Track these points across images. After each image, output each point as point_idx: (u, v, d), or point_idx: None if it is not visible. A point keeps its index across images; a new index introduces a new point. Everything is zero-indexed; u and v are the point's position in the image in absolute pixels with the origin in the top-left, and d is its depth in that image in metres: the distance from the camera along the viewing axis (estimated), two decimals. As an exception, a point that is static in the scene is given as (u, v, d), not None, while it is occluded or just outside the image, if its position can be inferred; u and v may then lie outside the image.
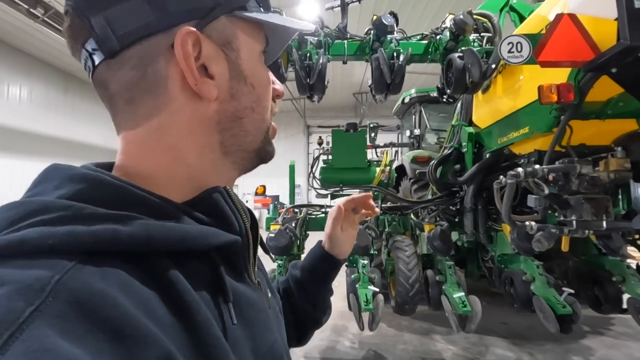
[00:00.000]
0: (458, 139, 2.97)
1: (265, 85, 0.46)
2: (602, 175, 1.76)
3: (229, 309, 0.37)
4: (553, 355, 2.85)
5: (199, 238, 0.35)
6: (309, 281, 0.72)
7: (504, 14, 3.29)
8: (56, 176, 0.34)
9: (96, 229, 0.29)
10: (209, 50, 0.39)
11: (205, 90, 0.39)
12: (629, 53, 1.34)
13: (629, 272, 2.36)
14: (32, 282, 0.24)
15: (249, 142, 0.44)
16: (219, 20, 0.40)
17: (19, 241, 0.26)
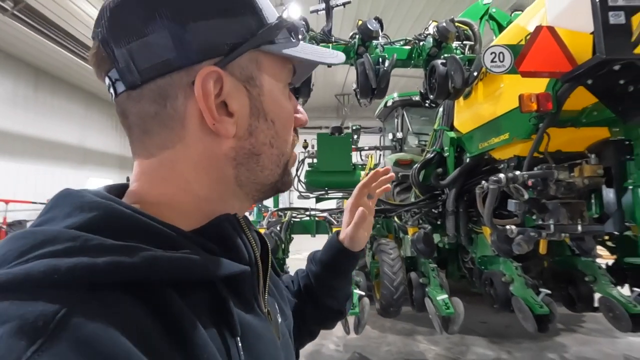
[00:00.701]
0: (440, 143, 3.03)
1: (287, 118, 0.45)
2: (577, 181, 1.85)
3: (236, 344, 0.36)
4: (530, 353, 2.97)
5: (206, 268, 0.35)
6: (330, 276, 0.72)
7: (484, 22, 3.38)
8: (67, 203, 0.34)
9: (101, 262, 0.28)
10: (230, 88, 0.39)
11: (223, 129, 0.39)
12: (603, 66, 1.41)
13: (600, 273, 2.48)
14: (34, 319, 0.24)
15: (266, 176, 0.44)
16: (244, 55, 0.39)
17: (24, 275, 0.26)
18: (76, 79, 11.11)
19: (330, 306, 0.72)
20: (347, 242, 0.71)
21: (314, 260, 0.74)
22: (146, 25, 0.36)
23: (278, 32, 0.41)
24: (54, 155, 10.77)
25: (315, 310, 0.71)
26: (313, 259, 0.75)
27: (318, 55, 0.46)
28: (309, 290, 0.72)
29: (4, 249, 0.30)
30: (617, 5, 1.37)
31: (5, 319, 0.24)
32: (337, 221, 3.23)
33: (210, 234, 0.39)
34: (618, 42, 1.36)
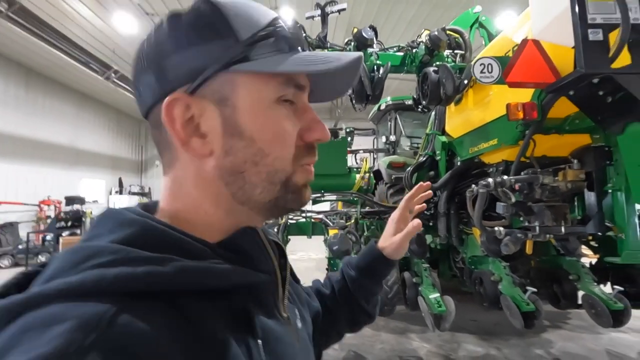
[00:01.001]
0: (432, 147, 3.13)
1: (276, 136, 0.43)
2: (561, 185, 1.96)
3: (258, 346, 0.39)
4: (518, 349, 3.09)
5: (229, 277, 0.39)
6: (367, 281, 0.75)
7: (474, 30, 3.50)
8: (110, 221, 0.40)
9: (139, 271, 0.33)
10: (200, 110, 0.42)
11: (192, 149, 0.42)
12: (583, 79, 1.51)
13: (584, 271, 2.59)
14: (89, 318, 0.29)
15: (260, 194, 0.44)
16: (216, 77, 0.41)
17: (79, 283, 0.32)
18: (68, 79, 11.00)
19: (365, 310, 0.75)
20: (389, 250, 0.74)
21: (351, 265, 0.77)
22: (140, 69, 0.44)
23: (250, 49, 0.41)
24: (46, 156, 10.65)
25: (349, 313, 0.75)
26: (349, 264, 0.77)
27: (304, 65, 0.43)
28: (345, 293, 0.75)
29: (60, 261, 0.36)
30: (595, 23, 1.46)
31: (66, 317, 0.29)
32: (332, 223, 3.31)
33: (232, 246, 0.43)
34: (597, 57, 1.45)
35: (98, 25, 7.92)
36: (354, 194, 3.64)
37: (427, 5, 7.52)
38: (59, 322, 0.28)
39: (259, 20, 0.43)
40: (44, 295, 0.31)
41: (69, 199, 10.02)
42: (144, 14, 7.43)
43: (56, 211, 9.59)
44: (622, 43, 1.40)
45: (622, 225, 1.86)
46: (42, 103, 10.70)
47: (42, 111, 10.65)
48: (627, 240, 1.86)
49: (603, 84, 1.52)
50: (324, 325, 0.71)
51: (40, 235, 8.49)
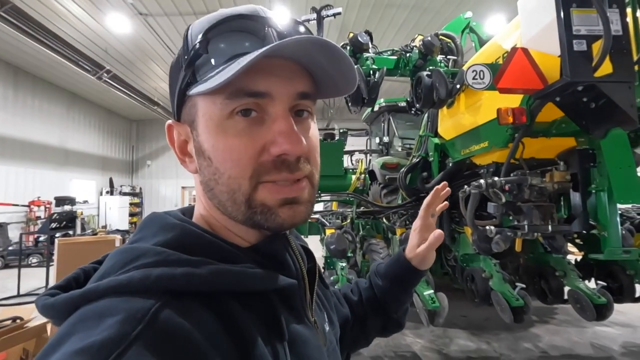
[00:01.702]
0: (425, 149, 3.22)
1: (226, 155, 0.42)
2: (548, 186, 2.06)
3: (284, 348, 0.41)
4: (507, 342, 3.20)
5: (260, 281, 0.41)
6: (395, 291, 0.75)
7: (465, 35, 3.61)
8: (154, 225, 0.45)
9: (178, 272, 0.37)
10: (185, 134, 0.47)
11: (186, 166, 0.49)
12: (569, 87, 1.60)
13: (569, 268, 2.71)
14: (136, 311, 0.33)
15: (232, 212, 0.44)
16: (186, 103, 0.46)
17: (127, 281, 0.36)
18: (57, 78, 10.82)
19: (393, 318, 0.76)
20: (417, 261, 0.73)
21: (379, 274, 0.77)
22: None
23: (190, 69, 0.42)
24: (35, 157, 10.47)
25: (377, 320, 0.75)
26: (377, 273, 0.78)
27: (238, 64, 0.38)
28: (372, 302, 0.76)
29: (111, 261, 0.40)
30: (580, 34, 1.56)
31: (117, 311, 0.33)
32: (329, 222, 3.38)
33: (263, 251, 0.46)
34: (581, 66, 1.55)
35: (90, 25, 7.84)
36: (350, 194, 3.72)
37: (417, 10, 7.63)
38: (110, 315, 0.32)
39: (195, 37, 0.42)
40: (98, 290, 0.35)
41: (59, 199, 9.89)
42: (137, 14, 7.39)
43: (46, 212, 9.46)
44: (604, 53, 1.50)
45: (605, 223, 1.97)
46: (31, 103, 10.52)
47: (30, 111, 10.47)
48: (610, 237, 1.97)
49: (587, 91, 1.61)
50: (353, 331, 0.72)
51: (31, 236, 8.37)
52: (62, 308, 0.36)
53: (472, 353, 3.04)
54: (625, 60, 1.56)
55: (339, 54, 0.43)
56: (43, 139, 10.83)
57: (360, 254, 3.31)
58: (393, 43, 7.88)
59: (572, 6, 1.56)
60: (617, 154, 1.76)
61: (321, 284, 0.61)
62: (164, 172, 15.90)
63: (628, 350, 3.05)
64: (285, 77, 0.43)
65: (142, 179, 16.35)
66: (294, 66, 0.44)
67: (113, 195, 13.77)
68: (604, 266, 2.76)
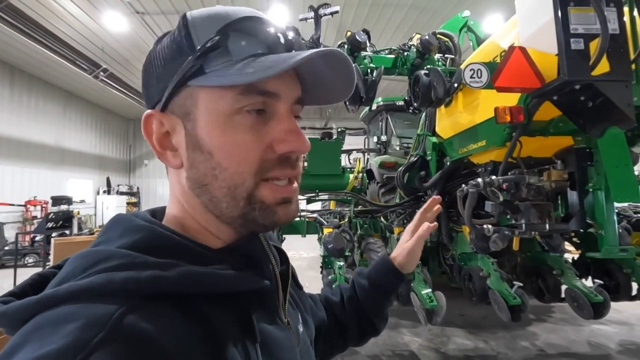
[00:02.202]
0: (423, 148, 3.22)
1: (233, 150, 0.42)
2: (545, 185, 2.06)
3: (256, 350, 0.41)
4: (504, 341, 3.21)
5: (231, 283, 0.40)
6: (377, 294, 0.75)
7: (463, 34, 3.61)
8: (120, 226, 0.43)
9: (144, 275, 0.35)
10: (170, 125, 0.45)
11: (168, 161, 0.46)
12: (566, 85, 1.60)
13: (567, 266, 2.71)
14: (97, 317, 0.31)
15: (226, 208, 0.44)
16: (180, 94, 0.43)
17: (88, 286, 0.34)
18: (54, 76, 10.77)
19: (372, 322, 0.76)
20: (401, 259, 0.74)
21: (362, 275, 0.77)
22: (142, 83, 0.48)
23: (201, 61, 0.41)
24: (31, 156, 10.42)
25: (356, 324, 0.75)
26: (361, 274, 0.78)
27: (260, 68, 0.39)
28: (354, 304, 0.75)
29: (72, 265, 0.38)
30: (577, 33, 1.56)
31: (77, 317, 0.31)
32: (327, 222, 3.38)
33: (235, 252, 0.45)
34: (578, 65, 1.54)
35: (87, 23, 7.80)
36: (347, 193, 3.72)
37: (415, 9, 7.64)
38: (69, 322, 0.30)
39: (210, 29, 0.41)
40: (56, 296, 0.33)
41: (55, 199, 9.85)
42: (133, 12, 7.36)
43: (42, 212, 9.42)
44: (601, 52, 1.50)
45: (602, 222, 1.98)
46: (27, 102, 10.47)
47: (27, 110, 10.41)
48: (607, 236, 1.97)
49: (584, 90, 1.61)
50: (331, 333, 0.72)
51: (27, 236, 8.33)
52: (15, 316, 0.33)
53: (469, 352, 3.05)
54: (623, 59, 1.56)
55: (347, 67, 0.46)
56: (39, 138, 10.78)
57: (358, 253, 3.31)
58: (391, 42, 7.87)
59: (570, 5, 1.55)
60: (614, 152, 1.77)
61: (294, 285, 0.60)
62: (161, 172, 15.87)
63: (625, 348, 3.07)
64: (289, 80, 0.45)
65: (140, 178, 16.32)
66: (293, 71, 0.46)
67: (110, 194, 13.74)
68: (601, 265, 2.76)
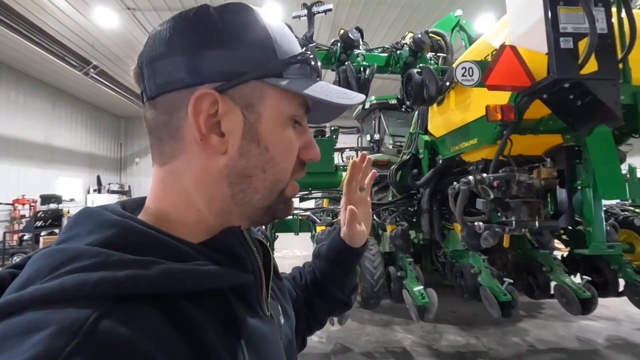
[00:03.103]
0: (415, 146, 3.24)
1: (286, 148, 0.47)
2: (535, 182, 2.09)
3: (241, 345, 0.40)
4: (495, 337, 3.25)
5: (214, 279, 0.38)
6: (335, 271, 0.75)
7: (455, 33, 3.63)
8: (89, 221, 0.39)
9: (121, 275, 0.32)
10: (225, 109, 0.43)
11: (210, 145, 0.43)
12: (555, 84, 1.62)
13: (556, 263, 2.75)
14: (70, 323, 0.28)
15: (258, 199, 0.46)
16: (249, 84, 0.43)
17: (59, 288, 0.30)
18: (42, 73, 10.60)
19: (338, 298, 0.75)
20: (347, 239, 0.73)
21: (319, 256, 0.77)
22: (168, 50, 0.43)
23: (286, 67, 0.45)
24: (19, 154, 10.24)
25: (323, 302, 0.75)
26: (318, 255, 0.77)
27: (327, 94, 0.47)
28: (316, 284, 0.76)
29: (36, 265, 0.34)
30: (566, 32, 1.58)
31: (46, 324, 0.28)
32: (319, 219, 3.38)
33: (217, 246, 0.43)
34: (567, 64, 1.57)
35: (76, 19, 7.68)
36: (340, 191, 3.72)
37: (408, 8, 7.67)
38: (38, 329, 0.27)
39: (296, 46, 0.49)
40: (21, 301, 0.30)
41: (44, 197, 9.70)
42: (124, 8, 7.26)
43: (31, 210, 9.27)
44: (590, 51, 1.53)
45: (590, 219, 2.01)
46: (15, 98, 10.29)
47: (14, 107, 10.24)
48: (594, 233, 2.00)
49: (573, 89, 1.63)
50: (302, 314, 0.72)
51: (15, 235, 8.19)
52: None
53: (461, 348, 3.08)
54: (610, 58, 1.59)
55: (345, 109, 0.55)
56: (28, 135, 10.62)
57: (351, 251, 3.32)
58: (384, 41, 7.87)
59: (559, 4, 1.58)
60: (601, 150, 1.80)
61: (275, 277, 0.59)
62: (153, 170, 15.72)
63: (612, 344, 3.13)
64: None
65: (131, 176, 16.14)
66: None
67: (101, 193, 13.58)
68: (589, 261, 2.81)
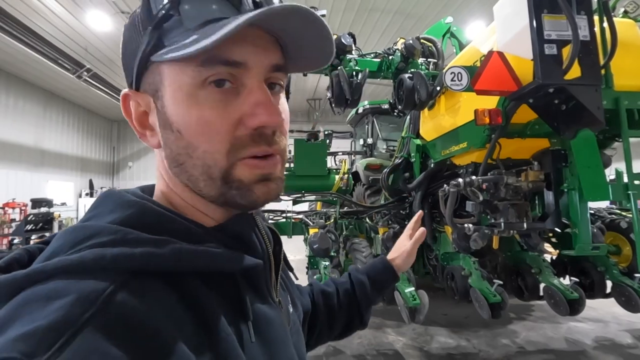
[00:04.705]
0: (407, 150, 3.28)
1: (200, 127, 0.39)
2: (523, 185, 2.14)
3: (248, 328, 0.41)
4: (485, 339, 3.28)
5: (224, 261, 0.39)
6: (373, 290, 0.80)
7: (446, 39, 3.70)
8: (110, 201, 0.41)
9: (137, 252, 0.34)
10: (145, 104, 0.43)
11: (147, 141, 0.44)
12: (540, 89, 1.67)
13: (544, 265, 2.79)
14: (88, 293, 0.30)
15: (204, 187, 0.42)
16: (148, 71, 0.41)
17: (79, 261, 0.33)
18: (34, 75, 10.51)
19: (362, 316, 0.80)
20: (400, 260, 0.83)
21: (360, 272, 0.82)
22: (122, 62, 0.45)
23: (158, 32, 0.38)
24: (9, 157, 10.12)
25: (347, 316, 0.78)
26: (358, 271, 0.83)
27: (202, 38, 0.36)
28: (349, 297, 0.79)
29: (60, 240, 0.36)
30: (550, 39, 1.64)
31: (67, 292, 0.30)
32: (312, 222, 3.40)
33: (228, 231, 0.44)
34: (552, 69, 1.62)
35: (70, 22, 7.66)
36: (333, 194, 3.75)
37: (400, 15, 7.79)
38: (59, 297, 0.29)
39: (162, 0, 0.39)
40: (46, 271, 0.32)
41: (35, 201, 9.57)
42: (118, 12, 7.26)
43: (21, 214, 9.14)
44: (573, 57, 1.58)
45: (576, 220, 2.05)
46: (5, 101, 10.18)
47: (4, 109, 10.13)
48: (580, 234, 2.05)
49: (558, 94, 1.68)
50: (320, 323, 0.75)
51: (5, 238, 8.06)
52: (2, 290, 0.32)
53: (452, 350, 3.11)
54: (593, 64, 1.64)
55: (319, 24, 0.41)
56: (17, 138, 10.51)
57: (344, 254, 3.34)
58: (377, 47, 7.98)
59: (544, 12, 1.63)
60: (585, 154, 1.85)
61: (285, 267, 0.60)
62: (145, 174, 15.62)
63: (599, 345, 3.18)
64: (261, 46, 0.41)
65: (124, 180, 16.01)
66: (268, 37, 0.42)
67: (93, 197, 13.42)
68: (577, 263, 2.86)
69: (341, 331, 0.81)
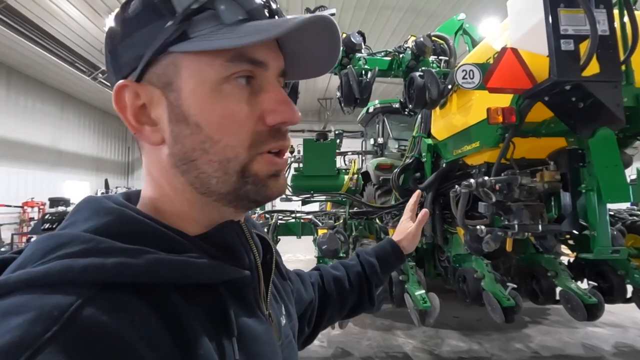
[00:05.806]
0: (418, 150, 3.23)
1: (224, 120, 0.39)
2: (538, 185, 2.07)
3: (232, 344, 0.38)
4: (498, 343, 3.20)
5: (206, 272, 0.37)
6: (382, 271, 0.83)
7: (459, 36, 3.63)
8: (87, 209, 0.39)
9: (109, 263, 0.32)
10: (148, 97, 0.40)
11: (146, 137, 0.41)
12: (556, 86, 1.61)
13: (561, 268, 2.71)
14: (50, 309, 0.27)
15: (216, 184, 0.40)
16: (159, 62, 0.39)
17: (44, 273, 0.30)
18: (51, 78, 10.79)
19: (372, 296, 0.83)
20: (406, 243, 0.85)
21: (368, 254, 0.85)
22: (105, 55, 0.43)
23: (187, 25, 0.37)
24: (28, 157, 10.41)
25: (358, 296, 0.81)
26: (367, 253, 0.85)
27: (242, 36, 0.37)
28: (359, 278, 0.81)
29: (31, 250, 0.34)
30: (567, 34, 1.57)
31: (27, 309, 0.27)
32: (321, 223, 3.38)
33: (213, 240, 0.41)
34: (568, 66, 1.56)
35: (86, 26, 7.83)
36: (342, 194, 3.72)
37: (412, 13, 7.69)
38: (18, 314, 0.27)
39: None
40: (7, 285, 0.30)
41: (53, 200, 9.81)
42: (131, 14, 7.38)
43: (40, 213, 9.38)
44: (591, 53, 1.51)
45: (594, 223, 1.98)
46: (24, 103, 10.47)
47: (23, 111, 10.42)
48: (599, 237, 1.97)
49: (575, 91, 1.62)
50: (331, 307, 0.77)
51: (24, 237, 8.29)
52: None
53: (463, 353, 3.04)
54: (612, 60, 1.57)
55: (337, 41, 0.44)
56: (36, 139, 10.79)
57: (354, 255, 3.31)
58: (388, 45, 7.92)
59: (560, 6, 1.57)
60: (604, 153, 1.78)
61: (279, 275, 0.58)
62: (159, 174, 15.86)
63: (619, 351, 3.07)
64: (274, 50, 0.43)
65: (138, 180, 16.29)
66: (276, 43, 0.44)
67: (107, 196, 13.71)
68: (595, 267, 2.77)
69: (350, 311, 0.83)
